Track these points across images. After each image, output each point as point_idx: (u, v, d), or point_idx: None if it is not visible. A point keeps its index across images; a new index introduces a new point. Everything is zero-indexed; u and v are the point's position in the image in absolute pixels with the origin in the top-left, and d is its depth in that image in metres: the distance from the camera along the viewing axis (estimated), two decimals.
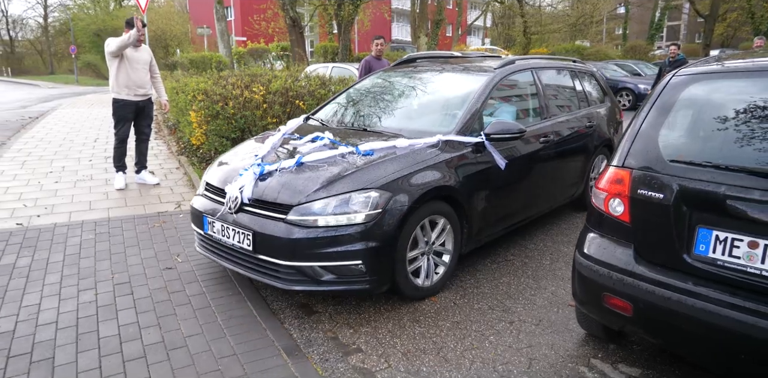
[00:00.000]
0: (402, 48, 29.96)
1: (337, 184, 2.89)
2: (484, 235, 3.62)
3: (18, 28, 54.91)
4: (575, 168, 4.57)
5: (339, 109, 4.31)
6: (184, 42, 35.09)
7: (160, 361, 2.54)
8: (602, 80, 5.37)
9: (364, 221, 2.80)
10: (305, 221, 2.80)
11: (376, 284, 2.89)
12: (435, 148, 3.26)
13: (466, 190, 3.30)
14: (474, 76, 3.96)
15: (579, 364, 2.60)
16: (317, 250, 2.77)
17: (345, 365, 2.57)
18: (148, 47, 5.94)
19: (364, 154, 3.15)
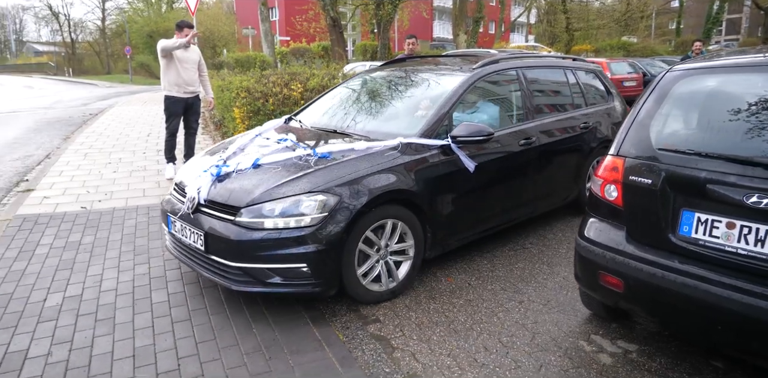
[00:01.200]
0: (442, 46, 30.03)
1: (285, 187, 2.89)
2: (453, 240, 3.54)
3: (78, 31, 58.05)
4: (567, 170, 4.41)
5: (318, 110, 4.31)
6: (230, 42, 36.29)
7: (202, 323, 2.90)
8: (606, 79, 5.13)
9: (309, 224, 2.79)
10: (252, 223, 2.82)
11: (322, 287, 2.87)
12: (394, 150, 3.20)
13: (428, 194, 3.23)
14: (449, 77, 3.86)
15: (579, 338, 2.81)
16: (263, 252, 2.78)
17: (364, 333, 2.87)
18: (197, 48, 6.40)
19: (321, 157, 3.14)
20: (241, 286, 2.88)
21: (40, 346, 2.69)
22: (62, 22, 57.52)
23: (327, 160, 3.13)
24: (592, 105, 4.75)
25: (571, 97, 4.63)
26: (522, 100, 4.09)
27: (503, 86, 4.15)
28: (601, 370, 2.52)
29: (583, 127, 4.49)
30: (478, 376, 2.48)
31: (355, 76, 4.76)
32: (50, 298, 3.20)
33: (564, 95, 4.63)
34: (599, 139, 4.63)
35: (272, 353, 2.63)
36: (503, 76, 4.10)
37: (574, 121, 4.44)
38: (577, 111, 4.56)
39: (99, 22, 54.16)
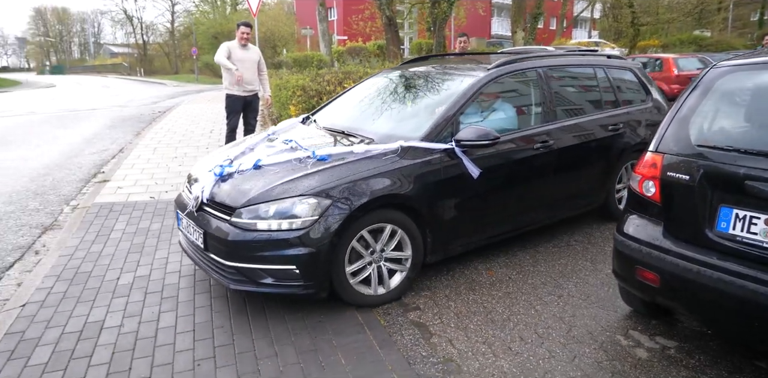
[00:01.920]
0: (499, 43, 29.62)
1: (278, 189, 2.91)
2: (457, 245, 3.46)
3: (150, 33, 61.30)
4: (591, 175, 4.19)
5: (333, 110, 4.33)
6: (290, 42, 37.26)
7: (255, 304, 3.14)
8: (646, 77, 4.80)
9: (300, 227, 2.80)
10: (246, 224, 2.85)
11: (313, 289, 2.89)
12: (393, 154, 3.14)
13: (429, 199, 3.17)
14: (461, 78, 3.75)
15: (617, 333, 2.84)
16: (255, 252, 2.82)
17: (404, 319, 3.01)
18: (258, 48, 6.74)
19: (319, 159, 3.13)
20: (236, 285, 2.93)
21: (114, 319, 3.01)
22: (135, 25, 61.02)
23: (325, 162, 3.10)
24: (625, 105, 4.46)
25: (600, 98, 4.37)
26: (541, 101, 3.90)
27: (521, 87, 3.98)
28: (636, 364, 2.55)
29: (612, 129, 4.23)
30: (511, 363, 2.57)
31: (372, 76, 4.72)
32: (123, 277, 3.55)
33: (591, 95, 4.39)
34: (632, 141, 4.35)
35: (317, 333, 2.83)
36: (521, 77, 3.92)
37: (602, 122, 4.18)
38: (606, 112, 4.29)
39: (168, 25, 57.05)
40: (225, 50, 6.29)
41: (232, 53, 6.30)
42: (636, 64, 4.84)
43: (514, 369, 2.53)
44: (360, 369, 2.52)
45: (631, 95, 4.62)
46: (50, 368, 2.55)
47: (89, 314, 3.06)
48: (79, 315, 3.05)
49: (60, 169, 7.18)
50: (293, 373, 2.49)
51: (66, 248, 4.08)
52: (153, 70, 53.80)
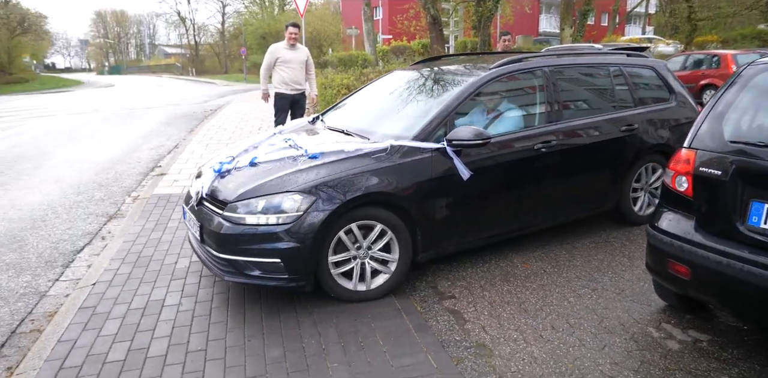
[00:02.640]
0: (546, 41, 29.13)
1: (267, 186, 3.02)
2: (450, 244, 3.45)
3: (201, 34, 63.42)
4: (600, 176, 4.07)
5: (341, 110, 4.41)
6: (335, 42, 37.80)
7: None
8: (670, 76, 4.57)
9: (285, 222, 2.90)
10: (236, 218, 2.97)
11: (297, 283, 2.98)
12: (382, 153, 3.19)
13: (418, 198, 3.19)
14: (461, 78, 3.76)
15: (649, 325, 2.90)
16: (244, 245, 2.94)
17: (439, 306, 3.16)
18: (306, 48, 7.01)
19: (311, 157, 3.22)
20: (227, 276, 3.05)
21: (173, 298, 3.30)
22: (188, 27, 63.21)
23: (315, 160, 3.19)
24: (642, 105, 4.30)
25: (613, 97, 4.23)
26: (545, 101, 3.82)
27: (524, 87, 3.96)
28: (666, 354, 2.61)
29: (626, 130, 4.08)
30: (541, 349, 2.68)
31: (381, 76, 4.75)
32: (180, 262, 3.84)
33: (602, 95, 4.27)
34: (650, 142, 4.19)
35: (357, 317, 3.01)
36: (525, 77, 3.88)
37: (613, 122, 4.05)
38: (619, 112, 4.15)
39: (219, 26, 58.85)
40: (271, 58, 6.62)
41: (279, 55, 6.59)
42: (659, 62, 4.64)
43: (544, 355, 2.64)
44: (396, 349, 2.68)
45: (651, 94, 4.45)
46: (119, 339, 2.84)
47: (151, 293, 3.36)
48: (142, 294, 3.35)
49: (121, 163, 7.68)
50: (335, 351, 2.68)
51: (129, 235, 4.43)
52: (204, 70, 55.66)
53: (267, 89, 6.87)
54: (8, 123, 12.63)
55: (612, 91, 4.25)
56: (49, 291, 3.62)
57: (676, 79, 4.62)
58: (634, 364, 2.54)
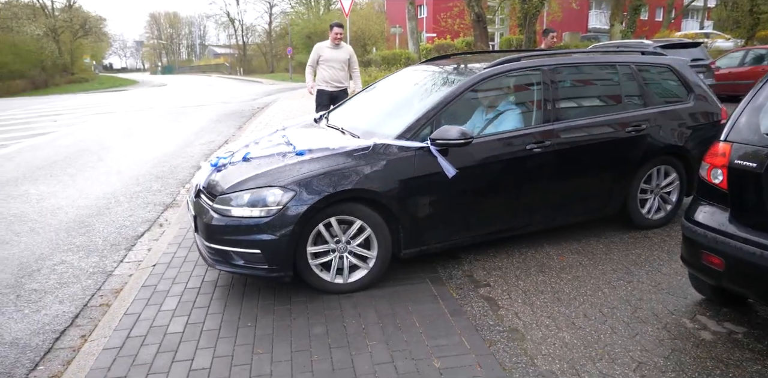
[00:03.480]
0: (594, 38, 28.45)
1: (253, 180, 3.16)
2: (434, 242, 3.47)
3: (249, 34, 65.08)
4: (602, 178, 3.96)
5: (345, 108, 4.50)
6: (380, 40, 38.07)
7: None
8: (689, 75, 4.37)
9: (265, 215, 3.03)
10: (222, 210, 3.13)
11: (277, 273, 3.11)
12: (366, 150, 3.26)
13: (399, 195, 3.23)
14: (456, 77, 3.77)
15: (683, 317, 2.93)
16: (228, 236, 3.09)
17: (474, 293, 3.28)
18: (349, 46, 7.23)
19: (297, 154, 3.33)
20: (216, 265, 3.24)
21: (224, 279, 3.55)
22: (236, 27, 65.02)
23: (301, 157, 3.30)
24: (654, 105, 4.12)
25: (619, 97, 4.09)
26: (541, 100, 3.75)
27: (520, 87, 3.95)
28: (698, 344, 2.65)
29: (633, 131, 3.94)
30: (573, 336, 2.77)
31: (388, 75, 4.83)
32: None
33: (607, 95, 4.17)
34: (660, 143, 4.05)
35: (395, 301, 3.17)
36: (521, 76, 3.86)
37: (617, 123, 3.93)
38: (625, 112, 4.01)
39: (266, 26, 60.25)
40: (315, 55, 6.89)
41: (321, 54, 6.86)
42: (678, 60, 4.45)
43: (575, 340, 2.73)
44: (432, 331, 2.83)
45: (666, 94, 4.30)
46: (177, 314, 3.10)
47: (205, 275, 3.63)
48: (197, 275, 3.63)
49: (175, 157, 8.12)
50: (374, 331, 2.85)
51: (184, 222, 4.75)
52: (251, 70, 57.14)
53: (312, 85, 7.12)
54: (72, 120, 13.47)
55: (618, 91, 4.12)
56: (114, 271, 3.95)
57: (696, 79, 4.43)
58: (664, 351, 2.60)
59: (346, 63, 6.99)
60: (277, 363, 2.59)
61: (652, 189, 4.22)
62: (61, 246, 4.41)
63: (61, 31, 46.84)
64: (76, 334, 3.07)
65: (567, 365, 2.52)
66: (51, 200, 5.74)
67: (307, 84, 7.18)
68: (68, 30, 48.46)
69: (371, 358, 2.61)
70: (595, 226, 4.28)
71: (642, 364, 2.50)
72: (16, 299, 3.47)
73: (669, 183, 4.26)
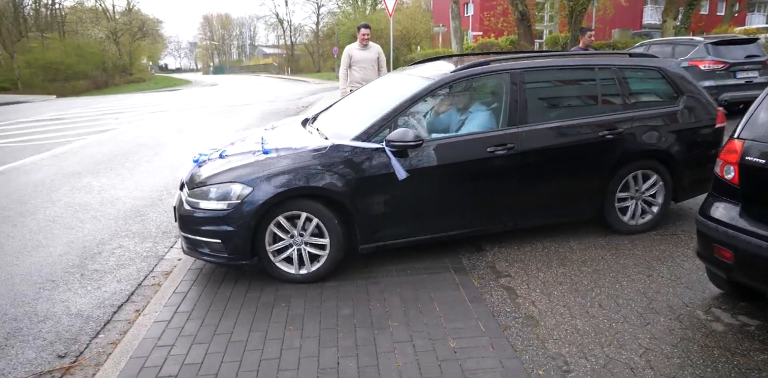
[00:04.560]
0: (646, 34, 27.54)
1: (219, 175, 3.45)
2: (391, 238, 3.60)
3: (297, 35, 66.40)
4: (574, 182, 3.92)
5: (331, 110, 4.66)
6: (425, 39, 38.14)
7: (373, 260, 3.78)
8: (677, 78, 4.20)
9: (225, 208, 3.31)
10: (192, 202, 3.46)
11: (236, 261, 3.40)
12: (323, 151, 3.46)
13: (353, 193, 3.39)
14: (420, 80, 3.84)
15: (698, 309, 3.01)
16: (195, 226, 3.42)
17: (495, 283, 3.45)
18: (377, 46, 7.43)
19: (264, 152, 3.58)
20: (188, 252, 3.59)
21: None
22: (285, 28, 66.42)
23: (267, 155, 3.55)
24: (636, 109, 4.03)
25: (597, 100, 4.01)
26: (508, 104, 3.76)
27: (487, 90, 3.99)
28: (708, 334, 2.73)
29: (609, 134, 3.87)
30: (586, 323, 2.90)
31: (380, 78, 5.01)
32: None
33: (582, 98, 4.10)
34: (638, 147, 3.96)
35: (418, 288, 3.38)
36: (488, 80, 3.89)
37: (590, 126, 3.87)
38: (601, 116, 3.93)
39: (314, 26, 61.30)
40: (346, 58, 7.16)
41: (352, 55, 7.12)
42: (668, 62, 4.32)
43: (587, 327, 2.86)
44: (451, 315, 3.02)
45: (651, 97, 4.22)
46: (219, 294, 3.41)
47: None
48: None
49: None
50: (396, 314, 3.07)
51: None
52: (298, 69, 58.29)
53: (345, 89, 7.32)
54: (130, 118, 14.31)
55: (594, 94, 4.04)
56: (165, 255, 4.33)
57: (687, 81, 4.26)
58: (673, 340, 2.70)
59: (375, 62, 7.22)
60: (306, 338, 2.85)
61: (633, 194, 4.11)
62: (119, 232, 4.84)
63: (121, 34, 49.28)
64: (131, 308, 3.43)
65: (576, 349, 2.66)
66: (111, 191, 6.24)
67: (341, 87, 7.42)
68: (128, 32, 50.91)
69: (392, 336, 2.83)
70: None
71: (649, 351, 2.61)
72: (80, 278, 3.89)
73: (651, 187, 4.13)
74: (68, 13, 47.26)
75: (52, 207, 5.62)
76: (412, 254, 3.88)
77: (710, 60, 10.13)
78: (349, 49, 7.24)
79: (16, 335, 3.10)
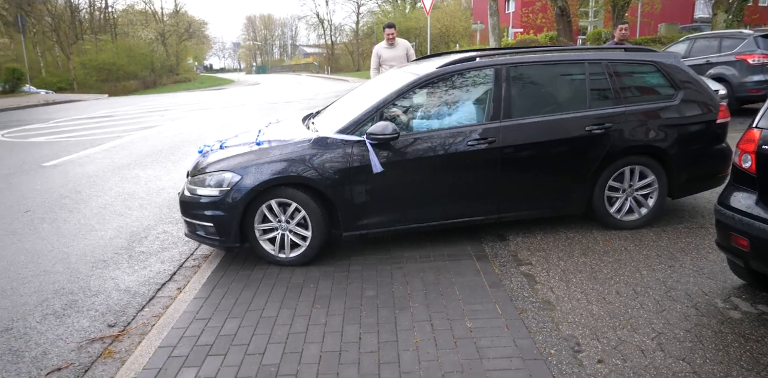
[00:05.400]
0: (696, 28, 26.62)
1: (215, 164, 3.75)
2: (372, 226, 3.75)
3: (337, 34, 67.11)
4: (555, 176, 3.94)
5: (333, 105, 4.76)
6: (464, 37, 37.96)
7: (396, 246, 3.94)
8: (673, 73, 4.11)
9: (217, 195, 3.60)
10: (191, 189, 3.77)
11: (228, 244, 3.68)
12: (307, 143, 3.67)
13: (335, 183, 3.58)
14: (408, 76, 3.97)
15: (716, 298, 3.03)
16: (193, 211, 3.73)
17: (515, 270, 3.55)
18: (405, 41, 7.54)
19: (257, 144, 3.84)
20: (189, 235, 3.91)
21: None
22: (325, 28, 67.26)
23: (258, 146, 3.80)
24: (628, 104, 4.00)
25: (585, 96, 3.98)
26: (492, 98, 3.83)
27: (471, 84, 4.01)
28: (724, 321, 2.77)
29: (595, 129, 3.87)
30: (601, 309, 2.98)
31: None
32: None
33: (570, 93, 4.05)
34: (627, 142, 3.94)
35: (440, 273, 3.52)
36: (473, 75, 3.95)
37: (576, 121, 3.88)
38: (588, 111, 3.93)
39: (353, 25, 61.85)
40: (375, 57, 7.32)
41: (380, 54, 7.26)
42: (666, 57, 4.23)
43: (602, 312, 2.93)
44: (470, 298, 3.15)
45: (646, 92, 4.15)
46: (253, 276, 3.64)
47: None
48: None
49: None
50: (418, 296, 3.22)
51: None
52: (338, 68, 58.99)
53: None
54: (176, 115, 14.93)
55: (582, 89, 4.01)
56: None
57: (690, 76, 4.18)
58: (687, 325, 2.74)
59: (405, 58, 7.32)
60: (332, 316, 3.04)
61: (624, 189, 4.09)
62: (164, 219, 5.16)
63: (168, 35, 51.08)
64: (173, 286, 3.70)
65: (589, 331, 2.75)
66: (156, 182, 6.62)
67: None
68: (175, 34, 52.69)
69: (412, 316, 2.98)
70: None
71: (661, 335, 2.67)
72: (128, 259, 4.20)
73: (644, 183, 4.09)
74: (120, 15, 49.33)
75: (103, 196, 6.03)
76: (436, 242, 4.02)
77: (760, 54, 9.78)
78: (377, 48, 7.40)
79: (72, 306, 3.41)
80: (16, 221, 5.17)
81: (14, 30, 30.51)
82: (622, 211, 4.14)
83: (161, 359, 2.68)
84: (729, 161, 4.10)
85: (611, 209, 4.10)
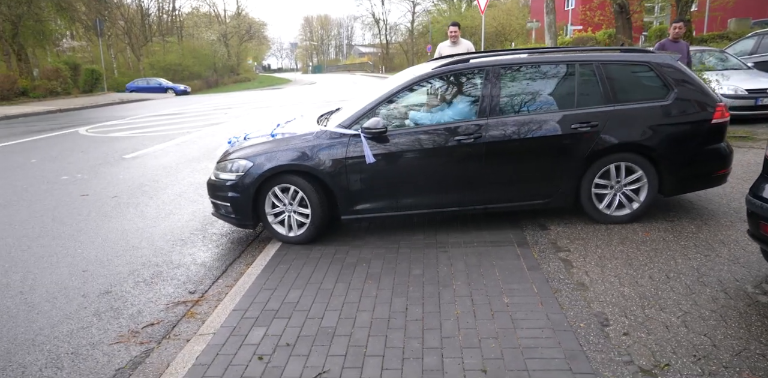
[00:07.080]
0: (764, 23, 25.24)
1: (235, 153, 4.31)
2: (367, 211, 4.18)
3: (392, 34, 67.62)
4: (540, 171, 4.15)
5: (352, 101, 5.06)
6: (521, 36, 37.51)
7: (444, 232, 4.26)
8: (667, 73, 4.18)
9: (233, 179, 4.16)
10: (216, 173, 4.36)
11: (242, 222, 4.28)
12: (310, 136, 4.16)
13: (333, 172, 4.03)
14: (408, 75, 4.40)
15: (747, 284, 3.17)
16: (216, 192, 4.33)
17: (554, 256, 3.79)
18: (467, 41, 7.79)
19: (271, 136, 4.37)
20: (214, 214, 4.52)
21: (342, 240, 4.45)
22: (381, 27, 67.96)
23: (271, 138, 4.34)
24: (617, 103, 4.12)
25: (573, 95, 4.16)
26: (481, 97, 4.13)
27: (463, 85, 4.33)
28: (751, 304, 2.92)
29: (581, 128, 4.04)
30: (632, 291, 3.18)
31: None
32: None
33: (558, 93, 4.21)
34: (614, 140, 4.06)
35: (482, 256, 3.80)
36: (466, 76, 4.32)
37: (562, 120, 4.07)
38: (575, 110, 4.11)
39: (408, 25, 62.17)
40: (437, 55, 7.56)
41: (442, 52, 7.52)
42: (661, 57, 4.29)
43: (633, 294, 3.14)
44: (508, 279, 3.43)
45: (637, 91, 4.23)
46: (312, 254, 4.06)
47: (334, 230, 4.57)
48: (328, 232, 4.58)
49: None
50: (460, 276, 3.52)
51: None
52: (392, 67, 59.50)
53: None
54: (239, 112, 15.79)
55: (571, 89, 4.18)
56: None
57: (686, 76, 4.23)
58: (714, 306, 2.92)
59: None
60: (381, 290, 3.39)
61: (612, 186, 4.23)
62: None
63: (230, 36, 53.19)
64: (242, 262, 4.18)
65: (618, 309, 2.97)
66: None
67: None
68: (236, 35, 54.79)
69: (454, 292, 3.29)
70: (691, 208, 4.46)
71: (687, 314, 2.87)
72: (203, 239, 4.73)
73: (635, 179, 4.20)
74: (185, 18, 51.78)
75: (178, 184, 6.66)
76: (480, 229, 4.31)
77: None
78: (441, 46, 7.67)
79: (158, 276, 3.94)
80: (106, 205, 5.84)
81: (92, 33, 32.81)
82: (612, 207, 4.28)
83: (235, 319, 3.12)
84: (727, 161, 4.22)
85: (600, 205, 4.27)
